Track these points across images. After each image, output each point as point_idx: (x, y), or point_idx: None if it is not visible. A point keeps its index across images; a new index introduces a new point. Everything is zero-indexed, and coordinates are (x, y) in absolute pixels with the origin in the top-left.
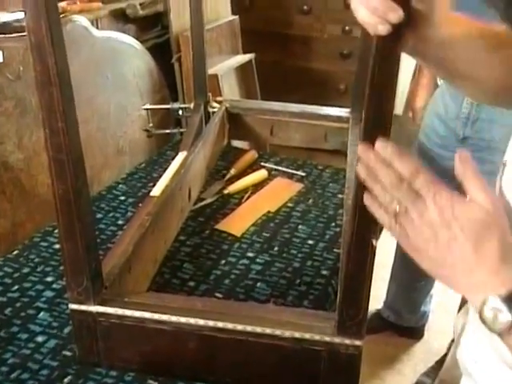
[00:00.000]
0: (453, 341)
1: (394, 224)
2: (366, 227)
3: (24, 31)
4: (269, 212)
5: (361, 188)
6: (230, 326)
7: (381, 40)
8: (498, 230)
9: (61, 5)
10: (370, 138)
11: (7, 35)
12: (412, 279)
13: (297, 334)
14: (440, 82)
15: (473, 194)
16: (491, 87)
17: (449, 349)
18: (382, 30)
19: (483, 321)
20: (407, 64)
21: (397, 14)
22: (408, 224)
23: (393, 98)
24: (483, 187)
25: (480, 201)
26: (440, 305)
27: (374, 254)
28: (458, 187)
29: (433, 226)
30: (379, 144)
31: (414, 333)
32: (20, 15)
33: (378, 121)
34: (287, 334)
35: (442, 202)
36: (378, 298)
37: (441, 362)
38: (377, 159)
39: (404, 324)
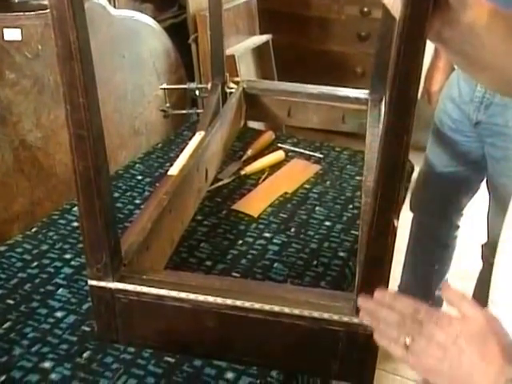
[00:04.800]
0: None
1: (406, 354)
2: (388, 206)
3: (43, 9)
4: (286, 193)
5: (382, 168)
6: (247, 304)
7: (407, 22)
8: (495, 336)
9: None
10: (394, 120)
11: (26, 13)
12: (426, 263)
13: (315, 314)
14: None
15: (465, 312)
16: (510, 78)
17: None
18: None
19: None
20: (427, 47)
21: None
22: (419, 351)
23: (418, 82)
24: (471, 304)
25: (472, 315)
26: None
27: (395, 235)
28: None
29: (442, 346)
30: (378, 293)
31: None
32: None
33: (402, 104)
34: (306, 313)
35: (444, 325)
36: (393, 281)
37: None
38: (377, 305)
39: None
